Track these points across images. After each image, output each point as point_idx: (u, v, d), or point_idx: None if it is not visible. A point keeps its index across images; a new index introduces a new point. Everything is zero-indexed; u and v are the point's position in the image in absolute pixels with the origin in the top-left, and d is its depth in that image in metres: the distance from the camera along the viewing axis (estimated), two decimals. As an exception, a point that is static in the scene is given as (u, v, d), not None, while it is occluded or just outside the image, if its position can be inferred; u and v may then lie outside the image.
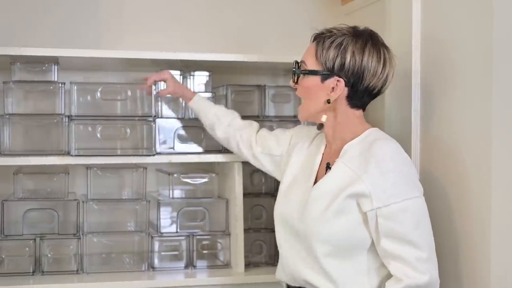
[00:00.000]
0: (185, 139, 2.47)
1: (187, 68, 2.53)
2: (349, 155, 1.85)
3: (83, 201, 2.41)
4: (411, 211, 1.77)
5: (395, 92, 2.17)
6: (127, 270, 2.41)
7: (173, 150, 2.46)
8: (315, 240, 1.83)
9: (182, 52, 2.39)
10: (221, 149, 2.45)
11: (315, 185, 1.89)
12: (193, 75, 2.56)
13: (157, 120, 2.42)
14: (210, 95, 2.53)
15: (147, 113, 2.39)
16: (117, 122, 2.38)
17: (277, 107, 2.59)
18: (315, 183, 1.91)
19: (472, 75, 1.87)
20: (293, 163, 2.04)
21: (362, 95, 1.89)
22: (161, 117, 2.47)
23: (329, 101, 1.88)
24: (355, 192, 1.79)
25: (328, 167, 1.90)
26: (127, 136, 2.38)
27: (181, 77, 2.53)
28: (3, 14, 2.59)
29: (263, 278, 2.37)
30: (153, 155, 2.38)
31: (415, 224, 1.77)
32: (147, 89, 2.37)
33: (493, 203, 1.78)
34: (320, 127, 1.97)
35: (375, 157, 1.80)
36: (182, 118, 2.49)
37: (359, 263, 1.82)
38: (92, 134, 2.35)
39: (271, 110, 2.57)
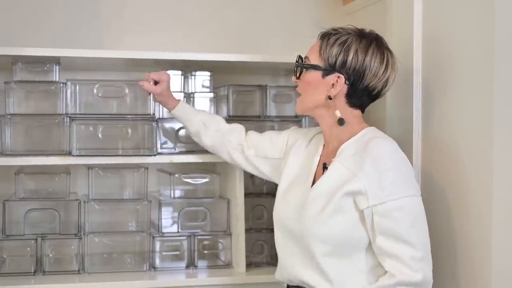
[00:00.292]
0: (186, 139, 2.47)
1: (188, 68, 2.53)
2: (345, 154, 1.86)
3: (84, 201, 2.41)
4: (407, 210, 1.77)
5: (396, 92, 2.17)
6: (129, 270, 2.41)
7: (174, 150, 2.47)
8: (313, 240, 1.83)
9: (183, 52, 2.39)
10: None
11: (313, 186, 1.90)
12: (194, 75, 2.56)
13: (159, 120, 2.43)
14: (211, 95, 2.53)
15: (148, 113, 2.40)
16: (119, 122, 2.38)
17: (279, 107, 2.59)
18: (314, 183, 1.91)
19: (473, 75, 1.87)
20: (290, 164, 2.04)
21: (361, 94, 1.90)
22: (162, 117, 2.47)
23: (330, 97, 1.88)
24: (351, 190, 1.79)
25: (325, 167, 1.91)
26: (129, 136, 2.38)
27: (182, 77, 2.53)
28: (4, 14, 2.59)
29: (264, 278, 2.37)
30: (155, 155, 2.37)
31: (411, 222, 1.77)
32: (144, 84, 2.21)
33: (494, 203, 1.78)
34: (342, 122, 1.89)
35: (371, 155, 1.80)
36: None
37: (357, 262, 1.83)
38: (93, 134, 2.35)
39: (272, 110, 2.57)
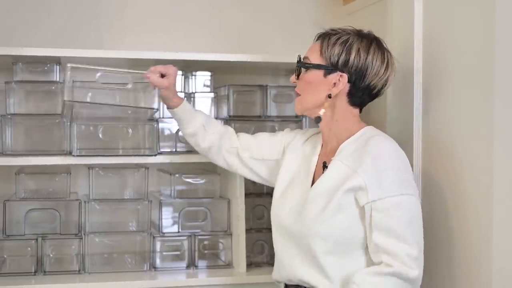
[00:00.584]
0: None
1: (188, 68, 2.53)
2: (345, 153, 1.87)
3: (85, 201, 2.41)
4: (405, 208, 1.78)
5: (397, 91, 2.17)
6: (129, 270, 2.41)
7: (175, 150, 2.46)
8: (314, 239, 1.83)
9: (184, 52, 2.39)
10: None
11: (313, 185, 1.90)
12: (195, 75, 2.56)
13: (159, 120, 2.42)
14: (212, 95, 2.53)
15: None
16: (119, 122, 2.38)
17: (279, 107, 2.59)
18: (313, 183, 1.91)
19: (473, 75, 1.86)
20: (286, 165, 2.04)
21: (362, 93, 1.91)
22: (163, 117, 2.47)
23: (330, 96, 1.89)
24: (352, 186, 1.80)
25: (324, 166, 1.91)
26: (129, 136, 2.38)
27: (183, 77, 2.53)
28: (5, 14, 2.59)
29: (264, 278, 2.37)
30: (155, 155, 2.37)
31: (408, 221, 1.78)
32: (150, 76, 2.09)
33: (494, 203, 1.78)
34: (318, 120, 1.93)
35: (371, 154, 1.81)
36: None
37: (357, 259, 1.83)
38: (94, 134, 2.35)
39: (272, 110, 2.57)
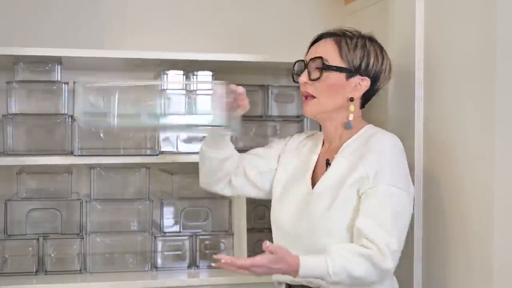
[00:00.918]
0: (188, 139, 2.47)
1: (189, 68, 2.53)
2: (348, 150, 1.89)
3: (86, 201, 2.41)
4: (395, 200, 1.78)
5: (398, 91, 2.17)
6: (130, 270, 2.41)
7: (176, 150, 2.46)
8: (320, 236, 1.83)
9: (185, 52, 2.39)
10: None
11: (318, 182, 1.90)
12: (196, 75, 2.56)
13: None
14: (213, 95, 2.53)
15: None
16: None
17: (280, 107, 2.59)
18: (313, 182, 1.92)
19: (474, 74, 1.86)
20: (282, 167, 2.03)
21: (372, 95, 1.96)
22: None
23: (352, 99, 1.90)
24: (356, 179, 1.81)
25: (328, 164, 1.91)
26: (130, 136, 2.38)
27: (184, 77, 2.53)
28: (6, 14, 2.59)
29: (265, 278, 2.35)
30: (156, 155, 2.37)
31: (396, 213, 1.78)
32: (240, 88, 1.98)
33: (495, 203, 1.78)
34: (349, 126, 1.92)
35: (373, 150, 1.84)
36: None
37: None
38: (95, 134, 2.35)
39: (274, 110, 2.57)
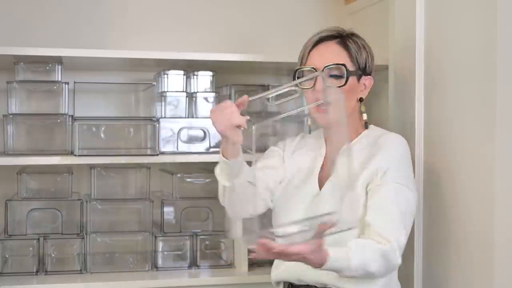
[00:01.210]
0: (188, 139, 2.47)
1: (190, 68, 2.53)
2: (356, 150, 1.87)
3: (86, 201, 2.41)
4: (404, 199, 1.79)
5: (399, 91, 2.17)
6: (131, 269, 2.41)
7: (176, 150, 2.46)
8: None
9: (185, 52, 2.38)
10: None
11: (326, 183, 1.88)
12: (197, 75, 2.56)
13: (161, 120, 2.42)
14: (213, 95, 2.53)
15: (151, 113, 2.40)
16: (121, 122, 2.38)
17: (281, 106, 2.58)
18: (319, 183, 1.91)
19: (475, 75, 1.86)
20: (288, 167, 2.01)
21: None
22: (164, 117, 2.47)
23: (362, 99, 1.91)
24: (365, 178, 1.82)
25: (335, 164, 1.90)
26: (131, 136, 2.38)
27: (185, 77, 2.53)
28: (6, 14, 2.59)
29: (266, 278, 2.35)
30: (157, 155, 2.37)
31: (404, 211, 1.78)
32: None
33: (496, 202, 1.78)
34: (368, 125, 1.94)
35: (384, 147, 1.84)
36: (185, 118, 2.49)
37: None
38: (95, 134, 2.35)
39: (274, 110, 2.56)
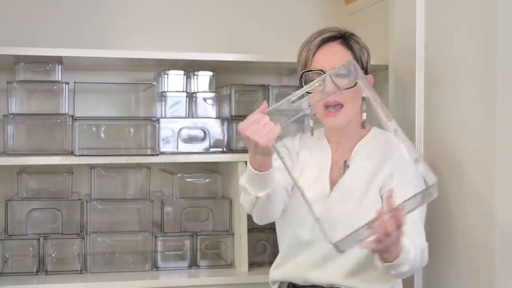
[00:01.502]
0: (188, 139, 2.47)
1: (190, 68, 2.53)
2: (364, 151, 1.88)
3: (87, 201, 2.41)
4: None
5: (399, 92, 2.17)
6: (131, 269, 2.41)
7: (176, 150, 2.46)
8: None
9: (186, 52, 2.39)
10: (224, 149, 2.45)
11: (338, 185, 1.88)
12: (197, 75, 2.56)
13: (161, 120, 2.42)
14: (213, 95, 2.53)
15: (151, 113, 2.40)
16: (121, 122, 2.38)
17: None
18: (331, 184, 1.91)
19: (475, 75, 1.86)
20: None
21: None
22: (164, 117, 2.47)
23: (363, 98, 1.89)
24: (380, 180, 1.82)
25: (346, 166, 1.90)
26: (131, 136, 2.38)
27: (185, 77, 2.53)
28: (6, 14, 2.59)
29: (266, 278, 2.35)
30: (157, 155, 2.37)
31: (421, 214, 1.80)
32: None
33: (496, 202, 1.78)
34: (364, 125, 1.89)
35: (394, 152, 1.84)
36: (185, 118, 2.49)
37: None
38: (96, 134, 2.35)
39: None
